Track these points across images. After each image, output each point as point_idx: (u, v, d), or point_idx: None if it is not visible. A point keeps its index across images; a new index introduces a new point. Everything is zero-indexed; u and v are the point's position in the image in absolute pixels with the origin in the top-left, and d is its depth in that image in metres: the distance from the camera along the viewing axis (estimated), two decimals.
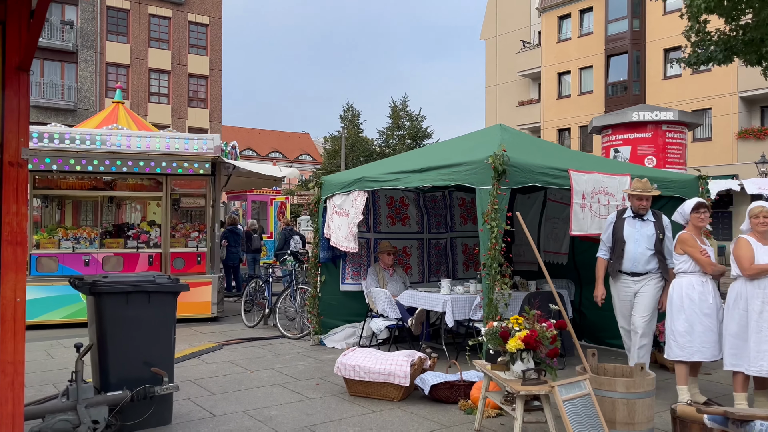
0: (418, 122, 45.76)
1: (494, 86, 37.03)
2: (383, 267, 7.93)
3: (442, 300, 6.82)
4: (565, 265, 8.59)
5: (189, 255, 10.21)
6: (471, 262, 9.30)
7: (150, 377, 4.75)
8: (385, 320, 7.10)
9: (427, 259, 8.85)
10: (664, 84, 28.36)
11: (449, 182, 6.03)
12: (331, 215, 7.85)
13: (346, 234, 7.48)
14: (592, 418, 3.97)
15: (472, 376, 5.54)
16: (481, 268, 5.58)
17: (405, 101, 46.34)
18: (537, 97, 34.71)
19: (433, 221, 8.92)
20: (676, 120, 9.94)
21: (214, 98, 36.18)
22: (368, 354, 5.75)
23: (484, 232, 5.56)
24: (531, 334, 4.10)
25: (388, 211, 8.55)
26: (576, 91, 31.74)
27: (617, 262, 5.66)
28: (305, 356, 7.47)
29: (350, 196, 7.47)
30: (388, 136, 46.47)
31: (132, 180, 10.85)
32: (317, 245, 8.10)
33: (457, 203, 9.20)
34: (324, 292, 8.12)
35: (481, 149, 6.31)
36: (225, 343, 8.29)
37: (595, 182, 6.21)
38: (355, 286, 8.29)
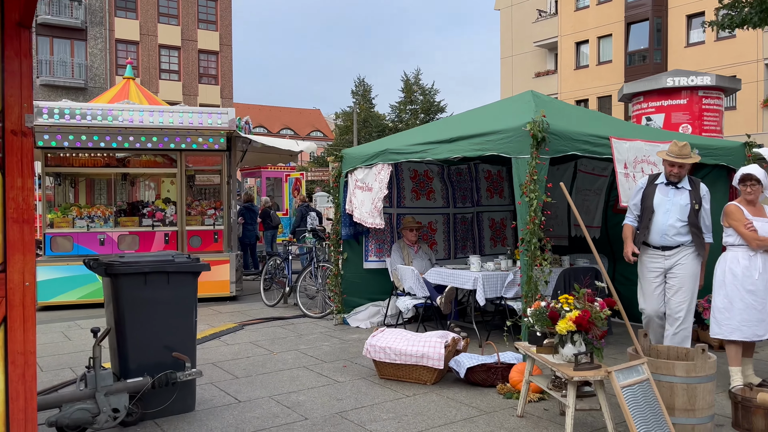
0: (431, 96, 45.00)
1: (509, 57, 36.21)
2: (407, 243, 7.60)
3: (472, 277, 6.49)
4: (597, 239, 8.21)
5: (206, 233, 9.94)
6: (498, 238, 8.95)
7: (171, 362, 4.49)
8: (412, 299, 6.80)
9: (453, 234, 8.50)
10: (687, 51, 27.52)
11: (482, 152, 5.66)
12: (353, 190, 7.51)
13: (370, 209, 7.15)
14: (653, 405, 3.64)
15: (509, 357, 5.23)
16: (519, 244, 5.22)
17: (418, 75, 45.58)
18: (554, 67, 33.92)
19: (458, 195, 8.55)
20: (713, 85, 9.43)
21: (225, 74, 35.73)
22: (399, 335, 5.45)
23: (523, 205, 5.19)
24: (584, 314, 3.76)
25: (412, 185, 8.19)
26: (594, 61, 30.94)
27: (643, 233, 5.04)
28: (329, 336, 7.20)
29: (373, 169, 7.12)
30: (400, 111, 45.80)
31: (145, 156, 10.56)
32: (338, 221, 7.78)
33: (483, 176, 8.81)
34: (346, 270, 7.82)
35: (515, 116, 5.91)
36: (246, 323, 8.04)
37: (637, 150, 5.81)
38: (379, 264, 7.98)
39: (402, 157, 6.62)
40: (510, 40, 36.22)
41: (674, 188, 4.99)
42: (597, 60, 30.88)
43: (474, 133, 5.78)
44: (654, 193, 5.00)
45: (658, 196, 5.01)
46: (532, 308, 4.07)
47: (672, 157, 4.86)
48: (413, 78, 45.40)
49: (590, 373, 3.67)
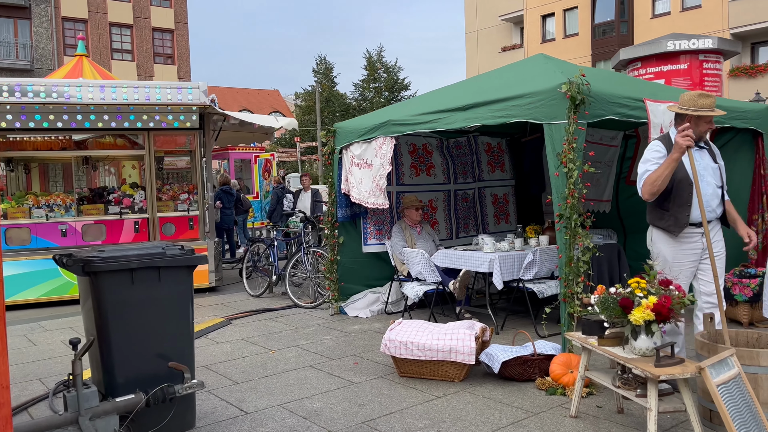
0: (395, 73, 44.28)
1: (474, 32, 35.63)
2: (410, 224, 6.98)
3: (487, 259, 5.92)
4: (608, 213, 7.75)
5: (179, 219, 9.11)
6: (502, 215, 8.40)
7: (167, 373, 3.79)
8: (421, 284, 6.19)
9: (454, 212, 7.91)
10: (653, 23, 27.39)
11: (506, 119, 5.05)
12: (349, 168, 6.83)
13: (371, 188, 6.49)
14: (750, 404, 3.13)
15: (544, 347, 4.68)
16: (557, 220, 4.65)
17: (380, 52, 44.78)
18: (520, 41, 33.49)
19: (459, 170, 7.95)
20: (714, 48, 9.05)
21: (181, 54, 34.18)
22: (420, 327, 4.85)
23: (561, 176, 4.61)
24: (664, 301, 3.22)
25: (411, 160, 7.55)
26: (561, 34, 30.62)
27: (682, 212, 3.99)
28: (329, 329, 6.56)
29: (373, 144, 6.44)
30: (364, 89, 44.96)
31: (107, 138, 9.63)
32: (333, 203, 7.09)
33: (483, 149, 8.22)
34: (343, 255, 7.16)
35: (538, 79, 5.32)
36: (233, 317, 7.32)
37: (671, 113, 5.27)
38: (379, 247, 7.34)
39: (408, 129, 5.97)
40: (475, 14, 35.61)
41: (697, 149, 4.08)
42: (563, 33, 30.57)
43: (495, 99, 5.16)
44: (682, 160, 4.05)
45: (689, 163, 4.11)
46: (596, 294, 3.50)
47: (706, 111, 3.96)
48: (376, 55, 44.57)
49: (677, 370, 3.13)
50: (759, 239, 6.49)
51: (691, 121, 3.96)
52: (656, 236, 4.17)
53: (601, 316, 3.46)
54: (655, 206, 4.12)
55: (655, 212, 4.15)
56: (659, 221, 4.12)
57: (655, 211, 4.15)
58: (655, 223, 4.15)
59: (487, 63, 32.57)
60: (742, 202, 6.57)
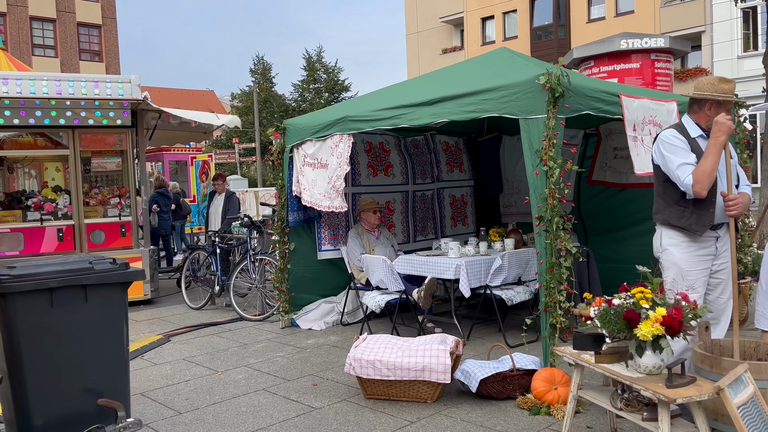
0: (335, 74, 43.67)
1: (415, 33, 35.53)
2: (367, 228, 6.50)
3: (453, 264, 5.52)
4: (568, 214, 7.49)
5: (110, 226, 8.30)
6: (459, 217, 8.04)
7: (97, 412, 3.18)
8: (382, 293, 5.73)
9: (412, 214, 7.49)
10: (589, 27, 27.99)
11: (477, 114, 4.65)
12: (301, 168, 6.30)
13: (326, 190, 5.97)
14: (767, 424, 2.83)
15: (525, 362, 4.31)
16: (537, 224, 4.28)
17: (320, 53, 44.04)
18: (460, 44, 33.61)
19: (417, 170, 7.53)
20: (665, 47, 9.02)
21: (110, 51, 32.51)
22: (387, 344, 4.38)
23: (540, 175, 4.24)
24: (675, 313, 2.87)
25: (367, 160, 7.08)
26: (500, 37, 30.88)
27: (706, 209, 3.50)
28: (281, 344, 6.00)
29: (328, 141, 5.94)
30: (303, 90, 44.14)
31: (26, 137, 8.69)
32: (283, 206, 6.53)
33: (441, 148, 7.84)
34: (294, 263, 6.62)
35: (509, 71, 4.96)
36: (172, 333, 6.63)
37: (644, 110, 5.03)
38: (335, 253, 6.84)
39: (367, 125, 5.50)
40: (415, 15, 35.52)
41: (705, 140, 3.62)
42: (503, 36, 30.85)
43: (464, 92, 4.75)
44: (703, 151, 3.54)
45: None
46: (596, 306, 3.13)
47: (728, 97, 3.57)
48: (316, 56, 43.84)
49: (693, 391, 2.79)
50: None
51: (712, 108, 3.61)
52: (669, 239, 3.62)
53: (601, 330, 3.08)
54: (669, 201, 3.62)
55: (669, 209, 3.60)
56: (677, 220, 3.57)
57: (669, 207, 3.60)
58: (671, 223, 3.59)
59: (428, 65, 32.49)
60: None
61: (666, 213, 3.66)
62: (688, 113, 3.80)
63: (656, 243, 3.77)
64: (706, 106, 3.64)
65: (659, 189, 3.76)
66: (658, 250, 3.74)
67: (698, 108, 3.71)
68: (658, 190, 3.77)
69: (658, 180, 3.78)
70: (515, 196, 8.01)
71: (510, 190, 8.04)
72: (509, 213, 8.11)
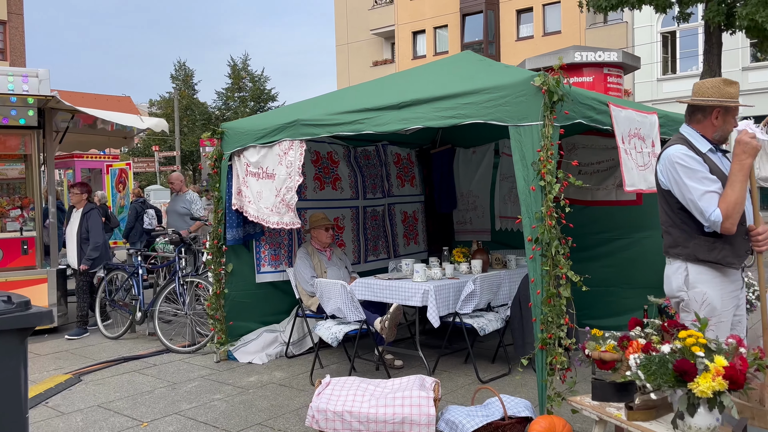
0: (261, 83, 42.42)
1: (345, 45, 35.03)
2: (318, 248, 5.77)
3: (420, 290, 4.89)
4: None
5: (9, 242, 7.12)
6: (411, 234, 7.42)
7: None
8: (339, 324, 5.00)
9: (363, 232, 6.80)
10: (518, 45, 28.44)
11: (457, 120, 4.05)
12: (244, 178, 5.50)
13: (274, 204, 5.20)
14: None
15: (516, 407, 3.70)
16: (533, 247, 3.69)
17: (246, 60, 42.67)
18: (391, 57, 33.39)
19: (368, 184, 6.86)
20: (618, 62, 8.86)
21: (15, 49, 30.02)
22: (356, 389, 3.67)
23: (537, 190, 3.67)
24: (740, 364, 2.34)
25: (314, 171, 6.35)
26: (431, 52, 30.86)
27: (739, 240, 3.02)
28: (217, 382, 5.14)
29: (275, 149, 5.18)
30: (228, 98, 42.60)
31: None
32: (220, 221, 5.70)
33: (393, 160, 7.22)
34: (232, 287, 5.78)
35: (487, 74, 4.42)
36: (83, 370, 5.61)
37: (630, 121, 4.60)
38: (276, 275, 6.05)
39: (324, 131, 4.78)
40: (345, 27, 35.04)
41: (722, 156, 3.17)
42: (434, 50, 30.84)
43: (441, 95, 4.15)
44: (719, 169, 3.06)
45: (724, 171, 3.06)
46: (636, 353, 2.56)
47: (738, 102, 3.10)
48: (241, 63, 42.44)
49: None
50: None
51: (719, 116, 3.10)
52: (699, 275, 3.03)
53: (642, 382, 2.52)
54: (690, 233, 3.06)
55: (693, 241, 3.05)
56: (707, 253, 3.01)
57: (692, 239, 3.05)
58: (699, 257, 3.03)
59: (359, 77, 32.01)
60: None
61: (690, 246, 3.07)
62: (688, 124, 3.23)
63: (675, 281, 3.13)
64: (713, 114, 3.12)
65: (672, 218, 3.16)
66: (680, 288, 3.10)
67: (702, 117, 3.15)
68: (671, 220, 3.16)
69: (669, 207, 3.16)
70: (470, 213, 7.50)
71: (465, 206, 7.52)
72: (464, 231, 7.58)
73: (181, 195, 8.45)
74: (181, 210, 8.22)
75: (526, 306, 5.12)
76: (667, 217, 3.21)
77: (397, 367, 5.41)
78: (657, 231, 6.17)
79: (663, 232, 3.29)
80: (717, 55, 11.48)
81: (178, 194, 8.53)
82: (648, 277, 6.28)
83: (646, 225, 6.25)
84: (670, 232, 3.20)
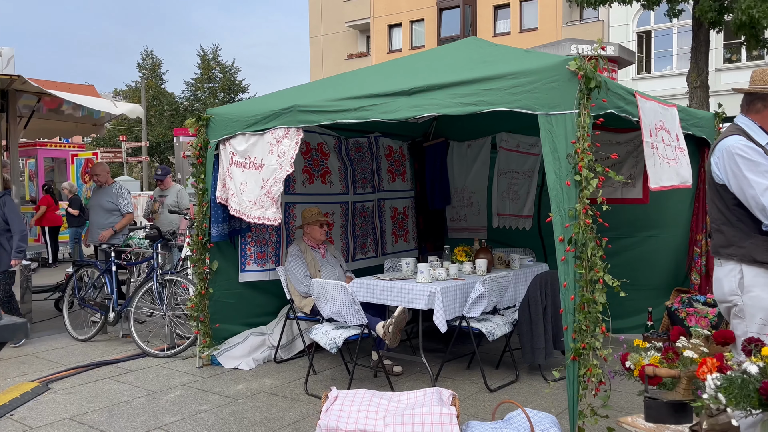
0: (231, 74, 41.49)
1: (319, 37, 34.45)
2: (311, 245, 5.37)
3: (426, 291, 4.53)
4: (528, 231, 6.77)
5: None
6: (401, 232, 7.06)
7: None
8: (338, 328, 4.60)
9: (351, 229, 6.41)
10: (495, 41, 28.21)
11: (478, 107, 3.70)
12: (228, 169, 5.06)
13: (258, 196, 4.79)
14: None
15: (543, 423, 3.38)
16: (568, 248, 3.36)
17: (216, 50, 41.68)
18: (366, 50, 32.94)
19: (358, 178, 6.46)
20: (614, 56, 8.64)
21: None
22: (368, 404, 3.29)
23: (572, 186, 3.34)
24: None
25: (303, 163, 5.93)
26: (407, 46, 30.51)
27: None
28: (202, 391, 4.71)
29: (267, 137, 4.76)
30: (197, 89, 41.57)
31: None
32: (205, 216, 5.25)
33: (384, 153, 6.84)
34: (217, 286, 5.35)
35: (506, 59, 4.09)
36: (51, 377, 5.11)
37: (655, 113, 4.33)
38: (261, 274, 5.64)
39: (325, 118, 4.38)
40: (319, 19, 34.45)
41: None
42: (410, 44, 30.50)
43: (459, 80, 3.79)
44: None
45: None
46: (711, 371, 2.25)
47: None
48: (211, 53, 41.44)
49: None
50: (703, 262, 5.87)
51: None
52: (754, 278, 2.78)
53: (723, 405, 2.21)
54: (747, 231, 2.81)
55: (750, 240, 2.80)
56: (764, 254, 2.75)
57: (749, 238, 2.80)
58: (759, 258, 2.76)
59: (333, 69, 31.47)
60: (684, 221, 5.93)
61: (746, 246, 2.80)
62: (746, 114, 2.97)
63: (727, 284, 2.88)
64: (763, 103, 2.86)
65: (726, 215, 2.90)
66: (733, 292, 2.85)
67: (763, 106, 2.89)
68: (725, 217, 2.91)
69: (724, 203, 2.91)
70: (465, 210, 7.18)
71: (459, 202, 7.20)
72: (458, 228, 7.26)
73: (106, 188, 7.03)
74: (107, 205, 6.88)
75: (536, 310, 4.84)
76: (720, 214, 2.94)
77: (396, 373, 5.05)
78: (663, 230, 6.08)
79: (713, 231, 3.01)
80: (705, 53, 11.41)
81: (102, 187, 7.05)
82: (653, 277, 6.08)
83: (651, 224, 6.04)
84: (723, 231, 2.92)
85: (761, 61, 21.80)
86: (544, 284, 4.86)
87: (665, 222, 5.97)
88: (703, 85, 11.52)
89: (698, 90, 11.49)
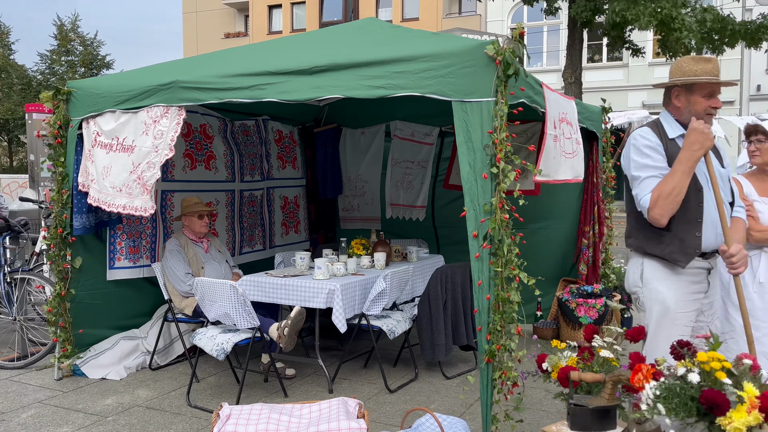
0: (94, 48, 38.13)
1: (194, 13, 32.57)
2: (192, 239, 4.81)
3: (325, 289, 4.19)
4: (422, 222, 6.62)
5: None
6: (291, 222, 6.63)
7: None
8: (226, 332, 4.13)
9: (239, 220, 5.89)
10: None
11: (388, 91, 3.38)
12: (89, 151, 4.39)
13: (126, 182, 4.18)
14: None
15: (453, 427, 3.18)
16: (484, 245, 3.15)
17: (75, 21, 38.07)
18: (244, 29, 31.62)
19: (246, 164, 5.94)
20: None
21: None
22: (266, 421, 2.91)
23: (489, 178, 3.13)
24: None
25: (185, 146, 5.33)
26: (288, 28, 29.65)
27: (691, 232, 2.69)
28: (63, 409, 4.05)
29: (141, 115, 4.15)
30: (53, 62, 37.80)
31: None
32: (65, 205, 4.53)
33: (274, 138, 6.36)
34: (80, 286, 4.65)
35: (416, 41, 3.81)
36: None
37: (559, 105, 4.27)
38: (133, 272, 4.99)
39: (211, 96, 3.87)
40: None
41: None
42: (291, 27, 29.66)
43: (367, 60, 3.46)
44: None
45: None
46: (647, 379, 2.12)
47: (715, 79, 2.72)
48: (69, 24, 37.79)
49: None
50: (590, 253, 6.02)
51: (680, 95, 2.77)
52: (652, 271, 2.76)
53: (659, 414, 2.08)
54: (642, 223, 2.77)
55: (643, 233, 2.79)
56: (654, 247, 2.74)
57: (643, 230, 2.79)
58: (648, 251, 2.76)
59: (208, 48, 29.78)
60: (574, 212, 6.04)
61: (640, 238, 2.81)
62: (666, 107, 2.96)
63: (631, 275, 2.88)
64: (673, 93, 2.82)
65: (630, 206, 2.88)
66: (636, 284, 2.84)
67: (667, 99, 2.87)
68: (630, 208, 2.89)
69: (628, 194, 2.90)
70: (358, 199, 6.90)
71: (352, 191, 6.90)
72: (350, 218, 6.97)
73: None
74: None
75: (436, 305, 4.66)
76: (628, 204, 2.93)
77: (289, 376, 4.67)
78: (554, 222, 6.15)
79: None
80: (579, 51, 11.96)
81: None
82: (543, 268, 6.12)
83: (543, 216, 6.09)
84: (628, 221, 2.95)
85: (619, 62, 23.50)
86: (445, 279, 4.68)
87: (555, 213, 6.05)
88: (577, 81, 12.11)
89: (573, 86, 12.06)
